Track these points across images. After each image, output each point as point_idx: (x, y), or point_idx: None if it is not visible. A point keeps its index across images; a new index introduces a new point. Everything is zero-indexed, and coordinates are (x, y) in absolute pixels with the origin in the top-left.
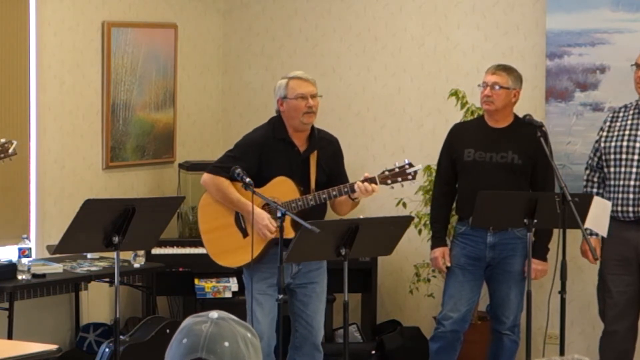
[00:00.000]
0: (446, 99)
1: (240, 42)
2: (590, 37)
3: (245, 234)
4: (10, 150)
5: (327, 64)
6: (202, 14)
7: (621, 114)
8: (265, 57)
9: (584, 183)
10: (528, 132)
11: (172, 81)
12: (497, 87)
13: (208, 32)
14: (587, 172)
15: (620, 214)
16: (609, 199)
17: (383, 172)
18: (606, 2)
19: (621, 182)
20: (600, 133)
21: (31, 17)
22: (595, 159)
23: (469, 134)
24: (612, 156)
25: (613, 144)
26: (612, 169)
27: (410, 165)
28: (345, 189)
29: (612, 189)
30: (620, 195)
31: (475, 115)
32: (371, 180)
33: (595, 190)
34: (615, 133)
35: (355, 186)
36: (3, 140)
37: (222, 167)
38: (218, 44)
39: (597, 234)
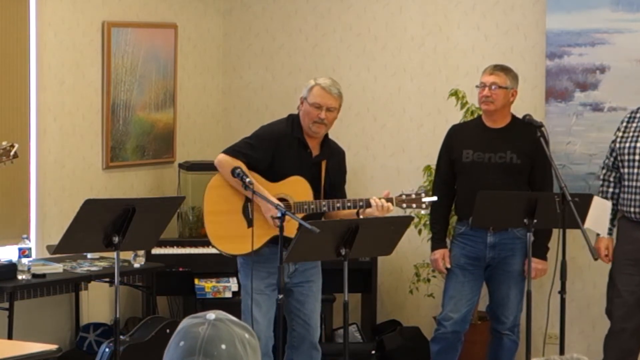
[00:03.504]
0: (446, 99)
1: (240, 42)
2: (590, 37)
3: (250, 224)
4: (12, 153)
5: (327, 64)
6: (202, 14)
7: (638, 115)
8: (265, 57)
9: (600, 182)
10: (526, 131)
11: (172, 81)
12: (494, 87)
13: (208, 32)
14: (604, 171)
15: (632, 215)
16: (624, 199)
17: (400, 195)
18: (606, 2)
19: (634, 183)
20: (617, 133)
21: (31, 17)
22: (612, 158)
23: (467, 134)
24: (626, 157)
25: (627, 144)
26: (625, 170)
27: (425, 194)
28: (361, 203)
29: (625, 189)
30: (632, 196)
31: (475, 116)
32: (388, 200)
33: (611, 189)
34: (631, 134)
35: (372, 201)
36: (5, 143)
37: (239, 152)
38: (218, 44)
39: (610, 233)
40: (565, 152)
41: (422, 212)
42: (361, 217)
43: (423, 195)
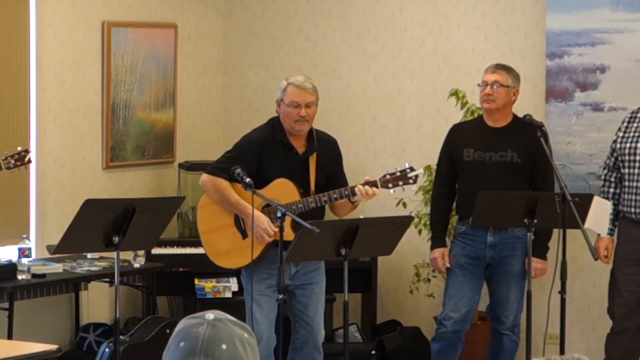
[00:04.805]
0: (446, 99)
1: (240, 42)
2: (590, 37)
3: (244, 235)
4: (27, 159)
5: (327, 64)
6: (202, 14)
7: (639, 115)
8: (265, 57)
9: (602, 182)
10: (527, 131)
11: (172, 81)
12: (496, 86)
13: (208, 32)
14: (605, 171)
15: (633, 215)
16: (624, 199)
17: (384, 176)
18: (606, 2)
19: (634, 184)
20: (618, 133)
21: (31, 17)
22: (612, 159)
23: (468, 133)
24: (627, 157)
25: (628, 145)
26: (626, 170)
27: (412, 169)
28: (346, 192)
29: (626, 189)
30: (633, 197)
31: (475, 115)
32: (372, 184)
33: (612, 190)
34: (631, 134)
35: (356, 189)
36: (20, 148)
37: (221, 168)
38: (218, 44)
39: (611, 233)
40: (565, 152)
41: (412, 187)
42: (353, 201)
43: (409, 170)
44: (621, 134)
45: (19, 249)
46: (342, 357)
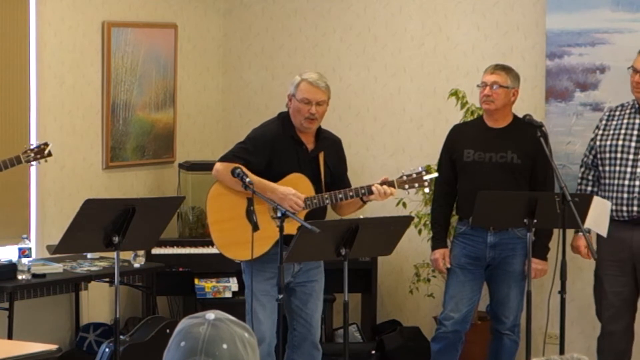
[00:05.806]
0: (446, 99)
1: (240, 42)
2: (590, 37)
3: (255, 228)
4: (46, 152)
5: (327, 64)
6: (202, 14)
7: (617, 113)
8: (265, 57)
9: (579, 181)
10: (527, 131)
11: (172, 81)
12: (496, 87)
13: (208, 32)
14: (582, 169)
15: (614, 214)
16: (605, 197)
17: (401, 177)
18: (606, 2)
19: (615, 182)
20: (596, 131)
21: (31, 17)
22: (591, 157)
23: (468, 134)
24: (607, 155)
25: (608, 142)
26: (607, 168)
27: (426, 172)
28: (363, 191)
29: (606, 187)
30: (614, 195)
31: (475, 115)
32: (389, 184)
33: (589, 188)
34: (611, 132)
35: (373, 188)
36: (39, 142)
37: (236, 157)
38: (218, 44)
39: (589, 232)
40: (565, 152)
41: (426, 190)
42: (365, 200)
43: (424, 173)
44: (600, 132)
45: (19, 249)
46: (342, 357)
